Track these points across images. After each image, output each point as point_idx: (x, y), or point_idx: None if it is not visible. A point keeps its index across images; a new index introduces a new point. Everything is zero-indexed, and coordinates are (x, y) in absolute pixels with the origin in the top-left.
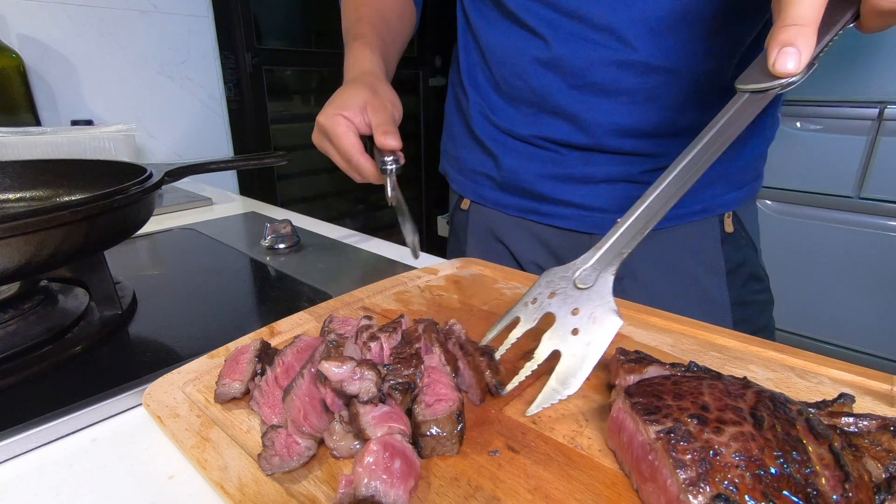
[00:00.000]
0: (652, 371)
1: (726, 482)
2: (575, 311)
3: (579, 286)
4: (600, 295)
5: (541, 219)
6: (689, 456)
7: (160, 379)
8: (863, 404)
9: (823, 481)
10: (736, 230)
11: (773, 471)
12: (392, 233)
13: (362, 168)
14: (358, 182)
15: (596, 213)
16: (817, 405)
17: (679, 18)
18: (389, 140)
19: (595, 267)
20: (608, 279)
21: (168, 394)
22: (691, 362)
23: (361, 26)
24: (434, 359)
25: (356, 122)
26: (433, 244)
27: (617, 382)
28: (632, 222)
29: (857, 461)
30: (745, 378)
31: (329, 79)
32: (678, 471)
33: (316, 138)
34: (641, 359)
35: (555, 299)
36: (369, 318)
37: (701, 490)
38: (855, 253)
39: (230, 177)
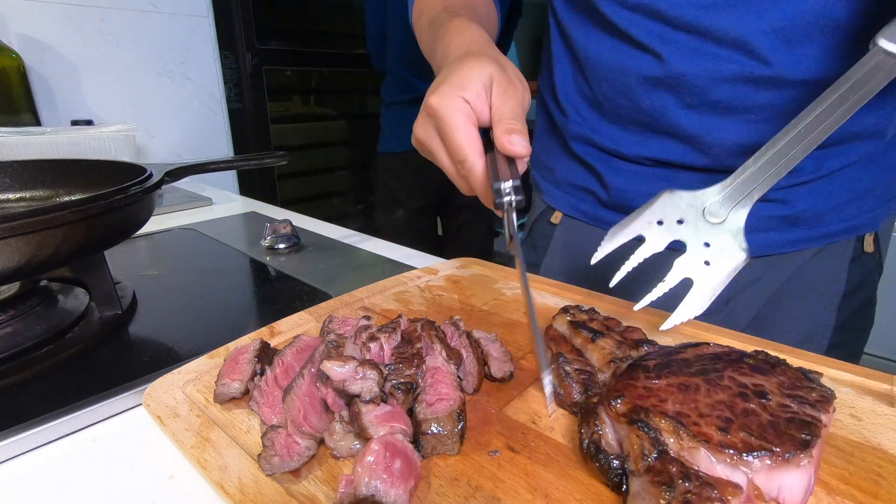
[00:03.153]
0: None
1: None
2: (707, 244)
3: (710, 220)
4: (732, 233)
5: None
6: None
7: (160, 379)
8: (863, 404)
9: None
10: (875, 250)
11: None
12: (391, 233)
13: (474, 176)
14: (465, 193)
15: None
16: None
17: (818, 26)
18: (515, 142)
19: (725, 203)
20: (741, 217)
21: (168, 394)
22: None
23: (453, 12)
24: (436, 358)
25: (478, 108)
26: (434, 244)
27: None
28: (762, 165)
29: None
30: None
31: (329, 79)
32: None
33: (421, 130)
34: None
35: (684, 227)
36: (367, 318)
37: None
38: None
39: (230, 177)
